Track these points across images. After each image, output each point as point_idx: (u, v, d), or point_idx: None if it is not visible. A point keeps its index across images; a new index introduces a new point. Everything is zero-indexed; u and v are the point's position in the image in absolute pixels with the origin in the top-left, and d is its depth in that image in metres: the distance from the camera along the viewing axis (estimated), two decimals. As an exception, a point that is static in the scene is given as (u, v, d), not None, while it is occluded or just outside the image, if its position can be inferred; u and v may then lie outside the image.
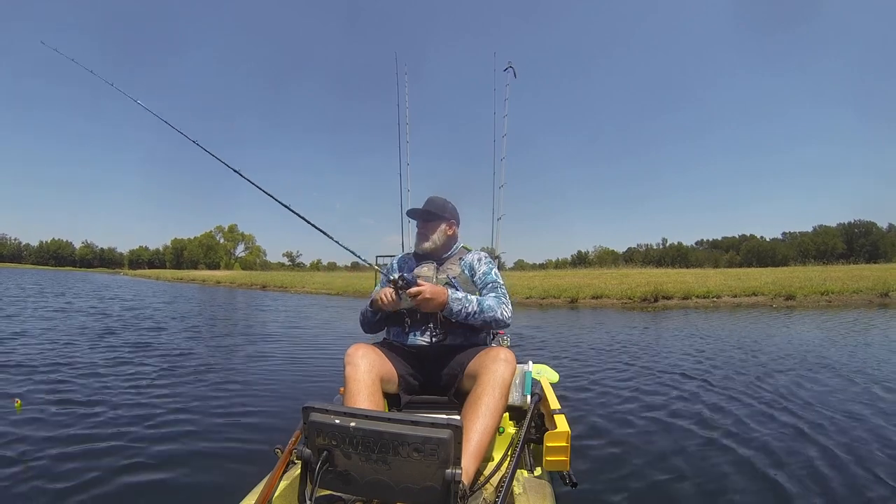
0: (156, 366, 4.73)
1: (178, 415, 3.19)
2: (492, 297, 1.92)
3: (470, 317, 1.82)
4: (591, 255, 77.83)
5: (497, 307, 1.87)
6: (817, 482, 2.27)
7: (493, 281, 2.01)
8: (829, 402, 3.58)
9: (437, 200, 2.15)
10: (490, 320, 1.85)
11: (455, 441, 1.09)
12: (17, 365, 4.51)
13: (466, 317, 1.82)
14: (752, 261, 58.93)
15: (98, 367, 4.54)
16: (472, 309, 1.82)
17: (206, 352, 5.68)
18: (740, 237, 78.63)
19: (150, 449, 2.59)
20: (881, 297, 13.60)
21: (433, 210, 2.10)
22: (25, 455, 2.47)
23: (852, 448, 2.66)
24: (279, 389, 4.00)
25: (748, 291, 14.68)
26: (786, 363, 5.12)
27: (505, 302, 1.93)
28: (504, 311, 1.89)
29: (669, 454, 2.65)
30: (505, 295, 1.97)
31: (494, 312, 1.85)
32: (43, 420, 3.01)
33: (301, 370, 4.78)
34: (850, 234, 66.67)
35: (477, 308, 1.82)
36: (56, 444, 2.63)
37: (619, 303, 14.95)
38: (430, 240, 2.08)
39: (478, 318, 1.83)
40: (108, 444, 2.64)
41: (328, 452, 1.13)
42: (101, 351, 5.52)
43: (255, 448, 2.63)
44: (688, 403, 3.65)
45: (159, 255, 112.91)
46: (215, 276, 43.26)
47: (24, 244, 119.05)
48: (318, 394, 3.77)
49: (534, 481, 1.44)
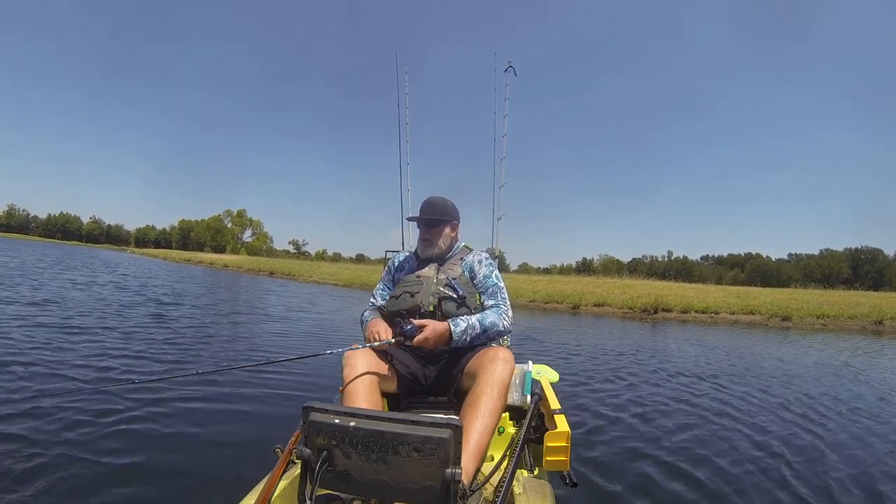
0: (152, 361, 4.57)
1: (178, 414, 3.17)
2: (492, 312, 1.91)
3: (475, 340, 1.83)
4: (596, 263, 78.02)
5: (499, 321, 1.88)
6: (818, 483, 2.42)
7: (493, 285, 2.01)
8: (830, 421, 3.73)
9: (438, 202, 2.12)
10: (494, 335, 1.87)
11: (455, 441, 1.09)
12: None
13: (472, 341, 1.83)
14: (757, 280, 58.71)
15: (97, 362, 4.31)
16: (476, 333, 1.82)
17: (207, 349, 5.49)
18: (746, 255, 78.20)
19: (149, 449, 2.59)
20: (875, 325, 13.93)
21: (436, 216, 2.08)
22: (19, 453, 2.42)
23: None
24: (279, 389, 3.98)
25: (746, 310, 15.07)
26: (773, 379, 5.39)
27: (504, 309, 1.94)
28: (504, 321, 1.90)
29: (669, 454, 2.70)
30: (505, 300, 1.98)
31: (497, 327, 1.86)
32: (39, 418, 2.89)
33: (301, 370, 4.75)
34: (856, 259, 66.37)
35: (480, 330, 1.82)
36: (54, 443, 2.57)
37: (620, 312, 15.33)
38: (435, 246, 2.07)
39: (482, 339, 1.84)
40: (107, 443, 2.63)
41: (328, 452, 1.14)
42: (98, 343, 5.12)
43: (255, 448, 2.63)
44: (686, 406, 3.76)
45: (165, 234, 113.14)
46: (223, 260, 43.82)
47: (33, 216, 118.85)
48: (318, 393, 3.80)
49: (534, 481, 1.44)
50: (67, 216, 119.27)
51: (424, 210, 2.09)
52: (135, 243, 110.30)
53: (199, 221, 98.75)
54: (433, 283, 1.96)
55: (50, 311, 6.86)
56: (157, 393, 3.47)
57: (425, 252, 2.08)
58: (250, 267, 35.17)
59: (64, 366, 4.03)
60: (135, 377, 3.96)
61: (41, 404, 3.03)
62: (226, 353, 5.44)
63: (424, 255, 2.09)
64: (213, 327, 7.11)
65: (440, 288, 1.94)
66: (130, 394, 3.38)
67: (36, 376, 3.68)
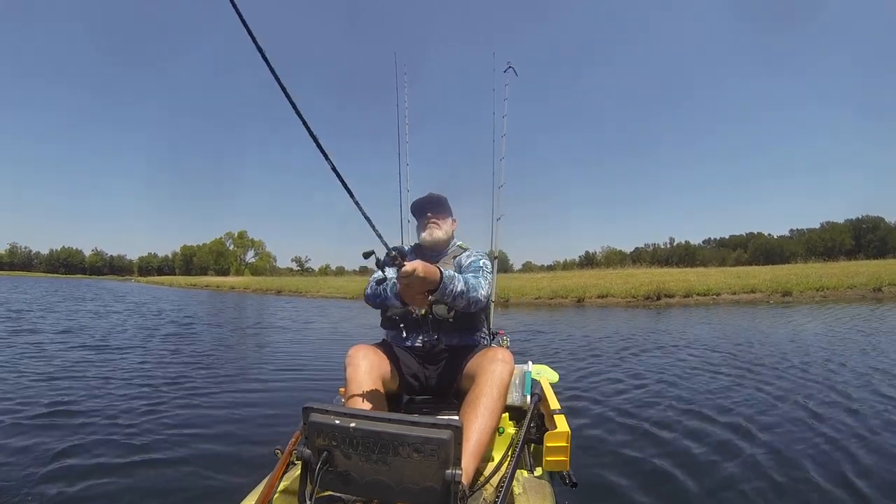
0: (158, 367, 4.79)
1: (178, 415, 3.23)
2: (471, 275, 1.84)
3: (457, 297, 1.69)
4: (599, 255, 77.93)
5: (478, 285, 1.79)
6: (821, 484, 2.29)
7: (478, 266, 1.97)
8: (838, 410, 3.40)
9: (441, 196, 2.15)
10: (473, 300, 1.76)
11: (455, 441, 1.10)
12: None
13: (454, 297, 1.69)
14: (760, 258, 58.63)
15: (99, 367, 4.63)
16: (461, 288, 1.69)
17: (208, 353, 5.67)
18: (748, 235, 78.15)
19: (149, 449, 2.62)
20: (874, 292, 14.18)
21: (441, 202, 2.11)
22: (20, 454, 2.53)
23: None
24: (279, 390, 4.00)
25: (747, 289, 15.35)
26: (782, 360, 5.21)
27: (482, 282, 1.84)
28: (482, 289, 1.81)
29: (670, 454, 2.67)
30: (486, 276, 1.91)
31: (478, 290, 1.77)
32: (39, 422, 3.05)
33: (301, 371, 4.76)
34: (858, 229, 66.17)
35: (464, 286, 1.70)
36: (54, 443, 2.67)
37: (624, 301, 15.62)
38: (442, 229, 2.08)
39: (462, 299, 1.71)
40: (107, 443, 2.69)
41: (328, 453, 1.15)
42: (109, 352, 5.75)
43: (255, 448, 2.64)
44: (688, 403, 3.68)
45: (168, 261, 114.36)
46: (229, 283, 44.12)
47: (35, 252, 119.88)
48: (318, 394, 3.87)
49: (534, 481, 1.45)
50: (70, 250, 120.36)
51: (428, 198, 2.13)
52: (138, 272, 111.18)
53: (202, 246, 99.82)
54: None
55: (82, 336, 7.22)
56: (157, 392, 3.58)
57: (433, 234, 2.08)
58: (257, 287, 35.50)
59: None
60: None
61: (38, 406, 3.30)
62: (244, 361, 5.68)
63: (433, 237, 2.08)
64: (232, 340, 7.39)
65: None
66: (127, 397, 3.54)
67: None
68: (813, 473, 2.40)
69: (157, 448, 2.66)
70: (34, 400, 3.62)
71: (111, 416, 3.19)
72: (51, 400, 3.61)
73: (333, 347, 6.71)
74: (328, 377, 4.55)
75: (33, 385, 4.09)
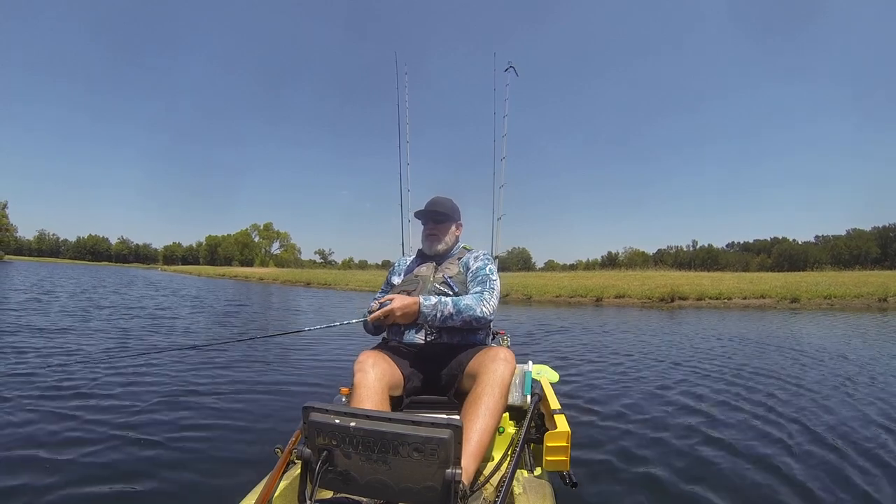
0: (154, 363, 4.70)
1: (178, 415, 3.19)
2: (470, 296, 1.88)
3: (448, 319, 1.79)
4: (622, 256, 77.71)
5: (476, 305, 1.82)
6: (825, 485, 2.30)
7: (484, 274, 1.97)
8: (847, 422, 3.28)
9: (445, 200, 2.15)
10: (470, 319, 1.81)
11: (455, 441, 1.09)
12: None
13: (444, 320, 1.79)
14: (784, 264, 57.79)
15: (101, 363, 4.60)
16: (449, 311, 1.78)
17: (207, 350, 5.56)
18: (772, 240, 77.15)
19: (149, 449, 2.59)
20: (880, 302, 14.90)
21: (444, 211, 2.11)
22: (16, 454, 2.46)
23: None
24: (279, 389, 3.98)
25: (757, 294, 16.22)
26: (785, 361, 5.46)
27: (486, 298, 1.87)
28: (484, 308, 1.83)
29: (671, 454, 2.67)
30: (491, 290, 1.92)
31: (473, 311, 1.80)
32: (36, 415, 3.02)
33: (301, 370, 4.75)
34: (884, 237, 64.95)
35: (453, 310, 1.78)
36: (52, 443, 2.61)
37: (640, 302, 16.57)
38: (442, 241, 2.10)
39: (456, 320, 1.79)
40: (107, 443, 2.64)
41: (328, 452, 1.14)
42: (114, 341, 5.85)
43: (255, 448, 2.63)
44: (691, 402, 3.70)
45: (192, 251, 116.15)
46: (257, 273, 45.00)
47: (63, 240, 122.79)
48: (318, 394, 3.82)
49: (534, 481, 1.44)
50: (96, 238, 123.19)
51: (431, 206, 2.12)
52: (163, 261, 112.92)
53: (227, 236, 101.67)
54: (430, 281, 1.99)
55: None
56: (155, 394, 3.59)
57: (432, 247, 2.11)
58: (286, 279, 35.51)
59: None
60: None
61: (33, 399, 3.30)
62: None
63: (431, 251, 2.12)
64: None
65: (437, 286, 1.96)
66: (125, 396, 3.52)
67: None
68: (813, 474, 2.41)
69: (155, 448, 2.62)
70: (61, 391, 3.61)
71: (107, 416, 3.11)
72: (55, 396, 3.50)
73: (335, 344, 6.43)
74: (329, 376, 4.52)
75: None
